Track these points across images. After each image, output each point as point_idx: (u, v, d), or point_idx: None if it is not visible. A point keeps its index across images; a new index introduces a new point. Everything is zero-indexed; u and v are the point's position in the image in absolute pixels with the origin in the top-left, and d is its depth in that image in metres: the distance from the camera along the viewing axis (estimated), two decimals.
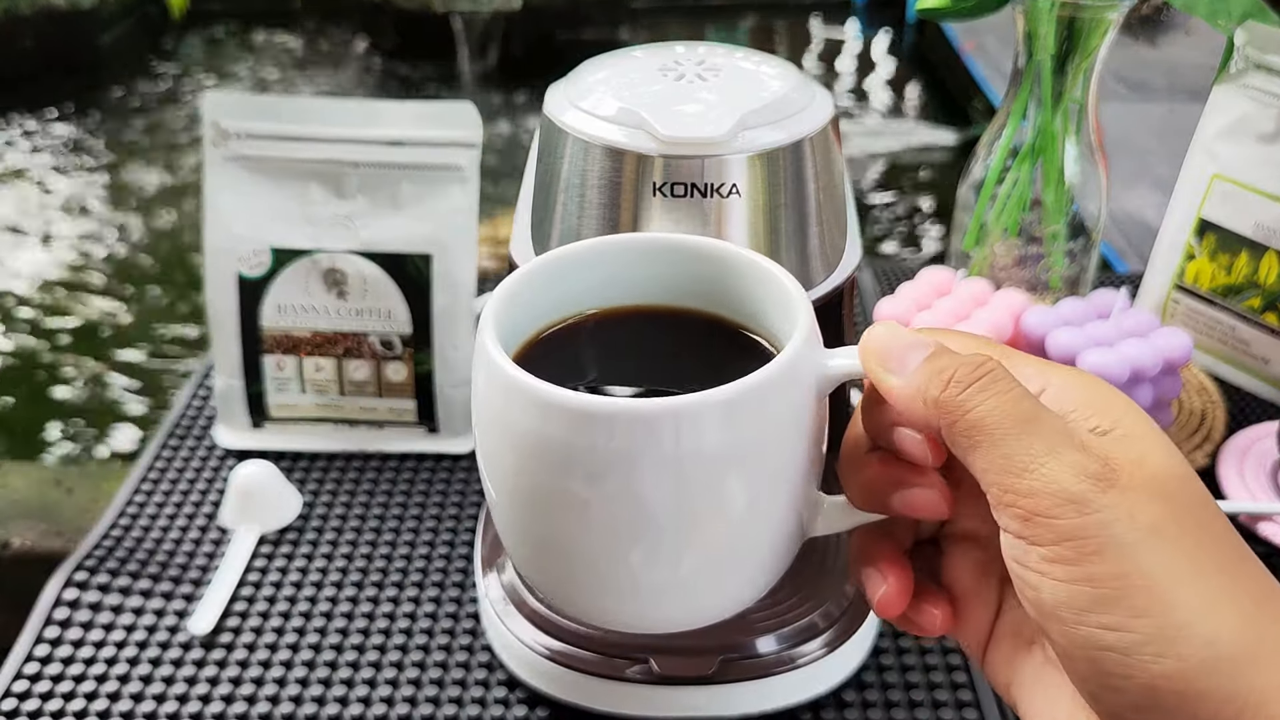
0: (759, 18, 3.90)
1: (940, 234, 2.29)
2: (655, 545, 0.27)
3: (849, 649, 0.44)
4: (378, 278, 0.56)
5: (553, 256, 0.31)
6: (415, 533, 0.54)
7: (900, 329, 0.27)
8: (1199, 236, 0.65)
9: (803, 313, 0.28)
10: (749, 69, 0.40)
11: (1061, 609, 0.22)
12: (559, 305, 0.32)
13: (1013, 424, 0.23)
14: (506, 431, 0.27)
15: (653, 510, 0.26)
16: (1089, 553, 0.22)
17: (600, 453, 0.26)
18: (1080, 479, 0.22)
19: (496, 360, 0.27)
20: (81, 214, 2.39)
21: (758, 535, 0.28)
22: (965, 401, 0.24)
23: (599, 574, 0.28)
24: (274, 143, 0.56)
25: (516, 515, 0.29)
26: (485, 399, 0.28)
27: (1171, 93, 2.57)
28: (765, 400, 0.26)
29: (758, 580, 0.30)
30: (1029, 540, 0.23)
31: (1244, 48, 0.61)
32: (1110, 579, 0.22)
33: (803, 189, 0.38)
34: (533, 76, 3.11)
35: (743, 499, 0.27)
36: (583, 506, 0.27)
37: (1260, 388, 0.65)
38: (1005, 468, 0.23)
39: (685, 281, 0.32)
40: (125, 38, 3.39)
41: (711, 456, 0.26)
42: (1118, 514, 0.22)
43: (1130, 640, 0.21)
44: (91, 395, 1.79)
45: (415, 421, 0.59)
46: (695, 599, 0.29)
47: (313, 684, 0.45)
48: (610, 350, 0.33)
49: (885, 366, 0.26)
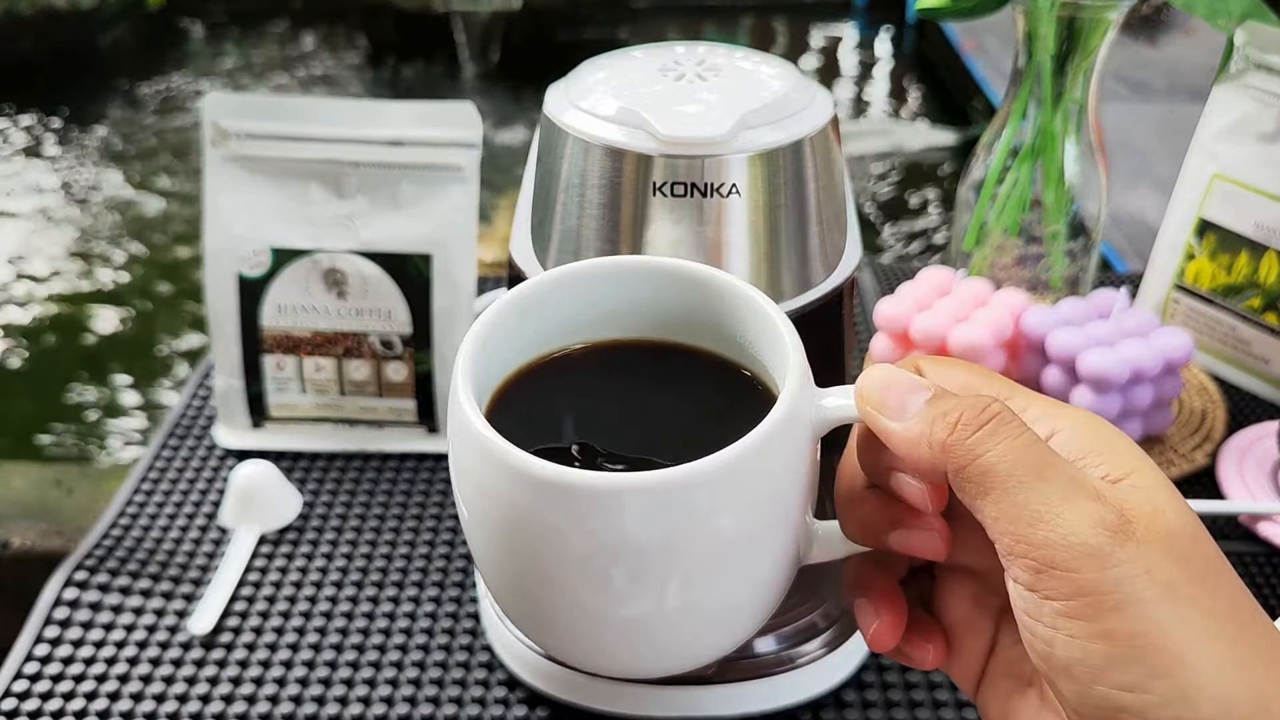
0: (759, 18, 3.90)
1: (940, 234, 2.29)
2: (645, 605, 0.26)
3: (849, 649, 0.44)
4: (378, 278, 0.56)
5: (529, 287, 0.30)
6: (415, 533, 0.54)
7: (896, 371, 0.26)
8: (1199, 236, 0.65)
9: (792, 351, 0.27)
10: (749, 69, 0.40)
11: (1075, 667, 0.22)
12: (540, 339, 0.31)
13: (1025, 471, 0.22)
14: (481, 489, 0.26)
15: (642, 573, 0.25)
16: (1107, 609, 0.21)
17: (584, 526, 0.24)
18: (1098, 531, 0.21)
19: (470, 418, 0.25)
20: (81, 213, 2.39)
21: (753, 581, 0.27)
22: (975, 446, 0.23)
23: (586, 631, 0.27)
24: (274, 143, 0.56)
25: (495, 568, 0.28)
26: (459, 453, 0.27)
27: (1171, 93, 2.57)
28: (761, 457, 0.25)
29: (755, 619, 0.29)
30: (1042, 594, 0.22)
31: (1244, 48, 0.61)
32: (1128, 637, 0.21)
33: (803, 189, 0.38)
34: (533, 76, 3.11)
35: (738, 553, 0.26)
36: (564, 571, 0.25)
37: (1260, 388, 0.65)
38: (1017, 517, 0.22)
39: (669, 309, 0.31)
40: (125, 38, 3.39)
41: (704, 522, 0.25)
42: (1136, 569, 0.21)
43: (1147, 701, 0.21)
44: (91, 395, 1.79)
45: (415, 421, 0.59)
46: (688, 646, 0.28)
47: (313, 684, 0.45)
48: (593, 391, 0.31)
49: (884, 412, 0.25)
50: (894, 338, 0.58)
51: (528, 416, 0.26)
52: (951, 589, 0.28)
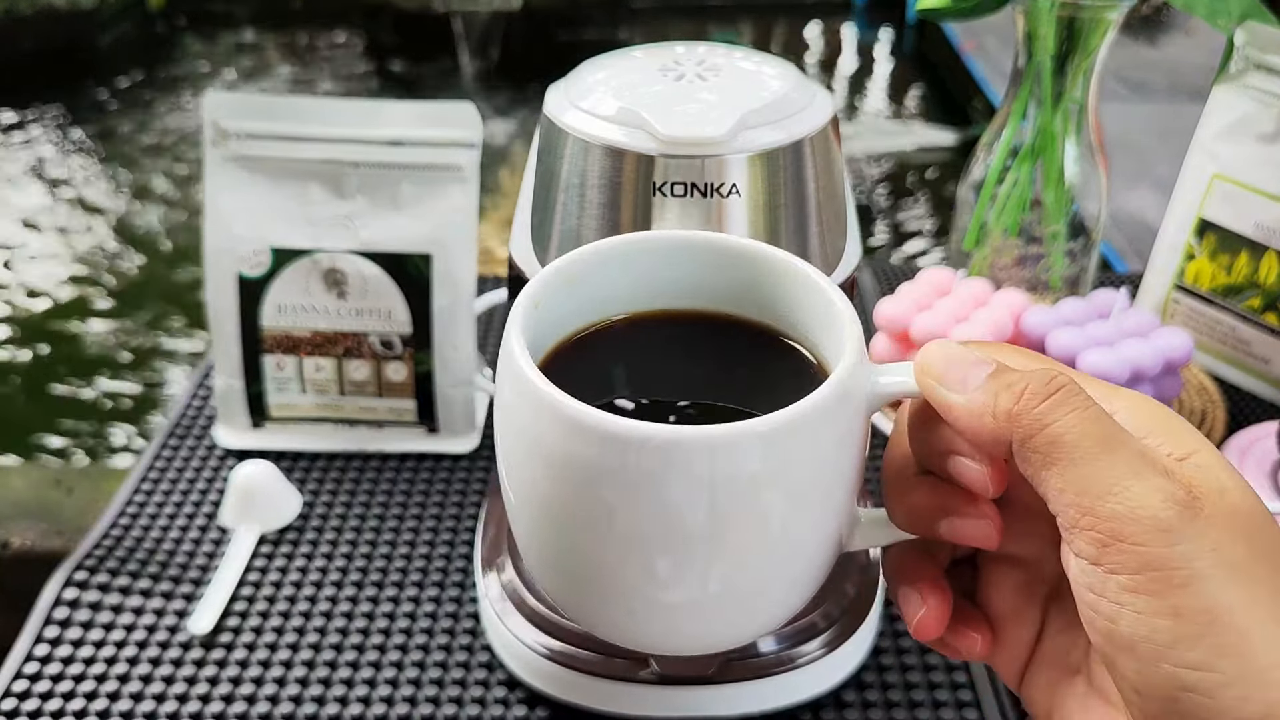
0: (759, 18, 3.90)
1: (940, 234, 2.29)
2: (686, 572, 0.26)
3: (849, 649, 0.44)
4: (378, 278, 0.56)
5: (579, 256, 0.30)
6: (415, 533, 0.54)
7: (956, 346, 0.25)
8: (1199, 236, 0.65)
9: (849, 325, 0.27)
10: (749, 69, 0.40)
11: (1141, 644, 0.21)
12: (587, 308, 0.30)
13: (1093, 443, 0.22)
14: (534, 448, 0.26)
15: (686, 537, 0.25)
16: (1176, 584, 0.21)
17: (633, 479, 0.24)
18: (1168, 505, 0.21)
19: (526, 374, 0.25)
20: (81, 213, 2.39)
21: (796, 559, 0.27)
22: (1043, 416, 0.23)
23: (623, 598, 0.27)
24: (274, 143, 0.56)
25: (538, 530, 0.27)
26: (511, 409, 0.26)
27: (1171, 93, 2.57)
28: (814, 426, 0.25)
29: (791, 601, 0.28)
30: (1106, 567, 0.22)
31: (1244, 48, 0.61)
32: (1196, 614, 0.21)
33: (803, 189, 0.38)
34: (533, 77, 3.11)
35: (782, 524, 0.26)
36: (610, 529, 0.25)
37: (1260, 388, 0.65)
38: (1085, 489, 0.22)
39: (718, 283, 0.31)
40: (125, 38, 3.39)
41: (752, 485, 0.24)
42: (1204, 545, 0.21)
43: (1214, 681, 0.20)
44: (92, 395, 1.79)
45: (415, 421, 0.59)
46: (726, 624, 0.28)
47: (313, 684, 0.45)
48: (643, 359, 0.31)
49: (945, 385, 0.25)
50: (894, 338, 0.58)
51: (577, 380, 0.25)
52: (996, 579, 0.28)
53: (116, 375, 1.83)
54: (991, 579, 0.28)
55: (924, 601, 0.27)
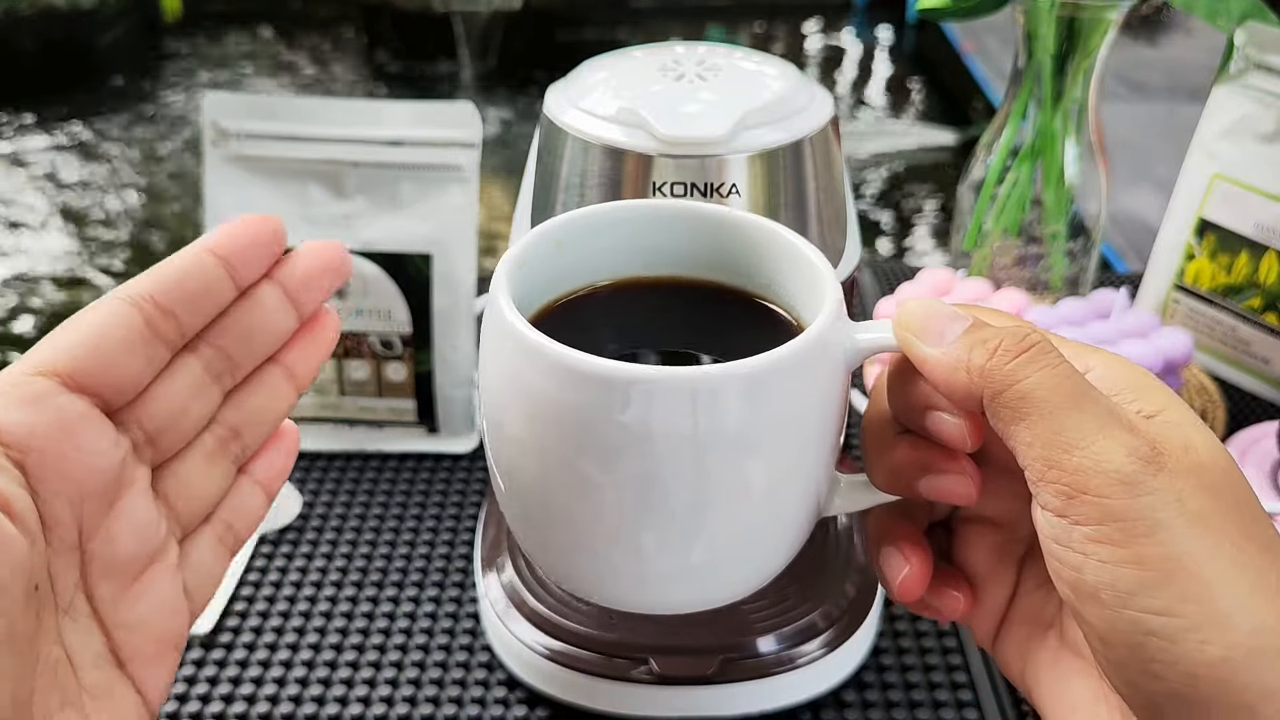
0: (759, 18, 3.90)
1: (940, 234, 2.29)
2: (669, 521, 0.26)
3: (849, 649, 0.44)
4: (378, 278, 0.56)
5: (566, 220, 0.30)
6: (415, 533, 0.54)
7: (935, 301, 0.26)
8: (1199, 236, 0.65)
9: (829, 285, 0.27)
10: (749, 69, 0.40)
11: (1104, 591, 0.22)
12: (571, 273, 0.31)
13: (1062, 399, 0.23)
14: (519, 395, 0.26)
15: (669, 484, 0.25)
16: (1138, 534, 0.21)
17: (617, 420, 0.24)
18: (1131, 459, 0.22)
19: (512, 322, 0.26)
20: (81, 213, 2.39)
21: (775, 513, 0.27)
22: (1015, 371, 0.23)
23: (605, 550, 0.27)
24: (274, 143, 0.56)
25: (524, 487, 0.28)
26: (496, 362, 0.27)
27: (1171, 93, 2.57)
28: (794, 374, 0.25)
29: (771, 561, 0.29)
30: (1071, 519, 0.22)
31: (1244, 48, 0.61)
32: (1159, 561, 0.21)
33: (802, 189, 0.38)
34: (533, 77, 3.11)
35: (762, 475, 0.26)
36: (596, 478, 0.25)
37: (1260, 388, 0.65)
38: (1051, 442, 0.22)
39: (702, 251, 0.31)
40: (125, 38, 3.39)
41: (733, 431, 0.25)
42: (1167, 498, 0.22)
43: (1177, 626, 0.21)
44: None
45: (415, 421, 0.59)
46: (706, 580, 0.28)
47: (313, 684, 0.45)
48: (627, 321, 0.32)
49: (923, 338, 0.25)
50: None
51: (563, 339, 0.26)
52: (972, 540, 0.29)
53: None
54: (967, 541, 0.29)
55: (906, 561, 0.28)
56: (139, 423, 0.25)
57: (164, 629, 0.25)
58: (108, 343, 0.24)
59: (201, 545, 0.27)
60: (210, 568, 0.27)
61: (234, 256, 0.26)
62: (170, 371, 0.25)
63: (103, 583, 0.24)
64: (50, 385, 0.23)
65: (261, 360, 0.27)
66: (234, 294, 0.26)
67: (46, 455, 0.22)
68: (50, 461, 0.22)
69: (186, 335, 0.25)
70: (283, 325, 0.27)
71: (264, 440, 0.28)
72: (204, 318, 0.26)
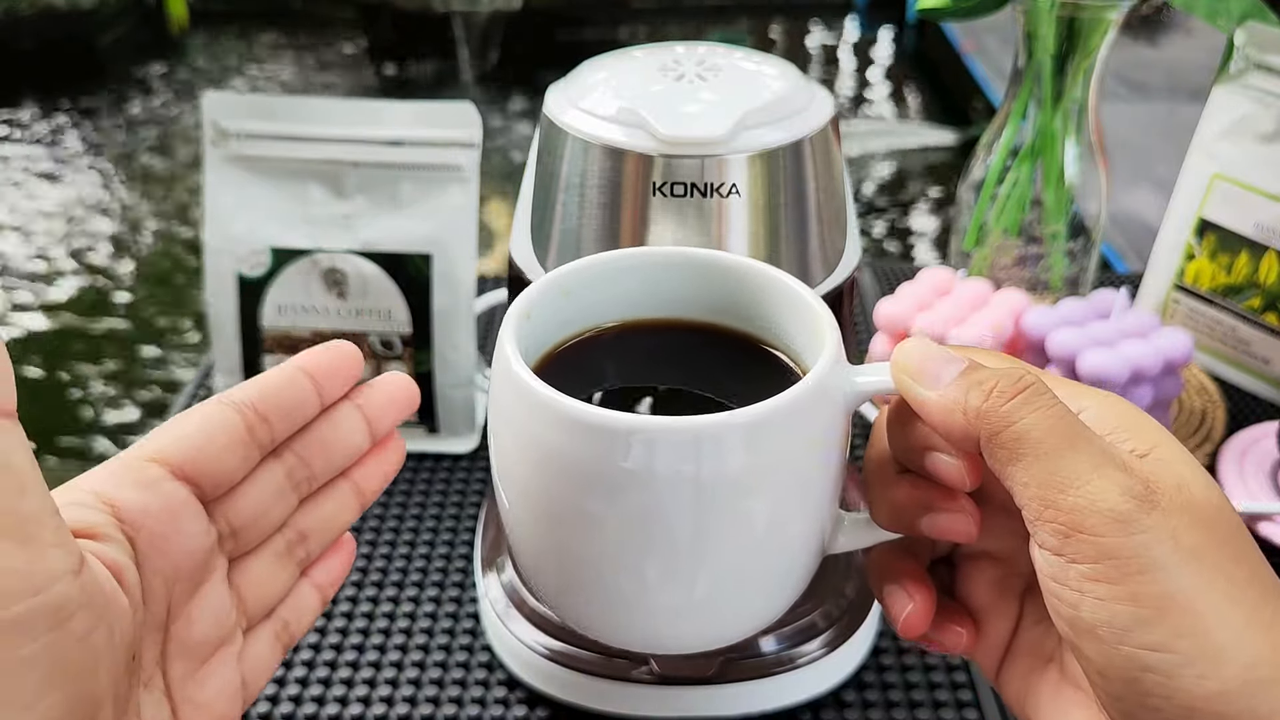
0: (759, 18, 3.91)
1: (940, 234, 2.29)
2: (672, 565, 0.26)
3: (849, 649, 0.44)
4: (378, 278, 0.56)
5: (572, 269, 0.31)
6: (415, 533, 0.54)
7: (932, 344, 0.26)
8: (1199, 236, 0.65)
9: (829, 329, 0.28)
10: (749, 69, 0.40)
11: (1101, 627, 0.22)
12: (577, 318, 0.32)
13: (1057, 439, 0.23)
14: (525, 444, 0.27)
15: (671, 530, 0.26)
16: (1133, 571, 0.22)
17: (619, 470, 0.25)
18: (1125, 498, 0.22)
19: (518, 373, 0.26)
20: (81, 213, 2.39)
21: (779, 556, 0.28)
22: (1010, 413, 0.24)
23: (612, 593, 0.28)
24: (274, 143, 0.56)
25: (530, 530, 0.28)
26: (503, 411, 0.27)
27: (1171, 93, 2.57)
28: (794, 420, 0.25)
29: (776, 601, 0.29)
30: (1068, 557, 0.23)
31: (1244, 48, 0.61)
32: (1153, 599, 0.22)
33: (802, 189, 0.38)
34: (533, 77, 3.11)
35: (765, 520, 0.26)
36: (599, 523, 0.26)
37: (1260, 388, 0.65)
38: (1047, 482, 0.23)
39: (706, 296, 0.32)
40: (125, 38, 3.39)
41: (735, 478, 0.25)
42: (1161, 535, 0.22)
43: (1172, 661, 0.21)
44: (91, 397, 1.79)
45: (415, 421, 0.59)
46: (711, 621, 0.28)
47: (313, 684, 0.45)
48: (631, 365, 0.32)
49: (920, 380, 0.26)
50: (894, 338, 0.58)
51: (568, 383, 0.26)
52: (974, 576, 0.29)
53: (115, 376, 1.83)
54: (969, 576, 0.29)
55: (910, 598, 0.28)
56: (226, 517, 0.27)
57: (223, 712, 0.26)
58: (212, 440, 0.26)
59: (261, 639, 0.28)
60: (266, 661, 0.28)
61: (321, 375, 0.28)
62: (258, 473, 0.27)
63: (177, 661, 0.25)
64: (161, 472, 0.25)
65: (335, 474, 0.29)
66: (319, 409, 0.28)
67: (154, 535, 0.24)
68: (156, 541, 0.24)
69: (276, 442, 0.27)
70: (357, 443, 0.29)
71: (326, 547, 0.30)
72: (293, 427, 0.28)
